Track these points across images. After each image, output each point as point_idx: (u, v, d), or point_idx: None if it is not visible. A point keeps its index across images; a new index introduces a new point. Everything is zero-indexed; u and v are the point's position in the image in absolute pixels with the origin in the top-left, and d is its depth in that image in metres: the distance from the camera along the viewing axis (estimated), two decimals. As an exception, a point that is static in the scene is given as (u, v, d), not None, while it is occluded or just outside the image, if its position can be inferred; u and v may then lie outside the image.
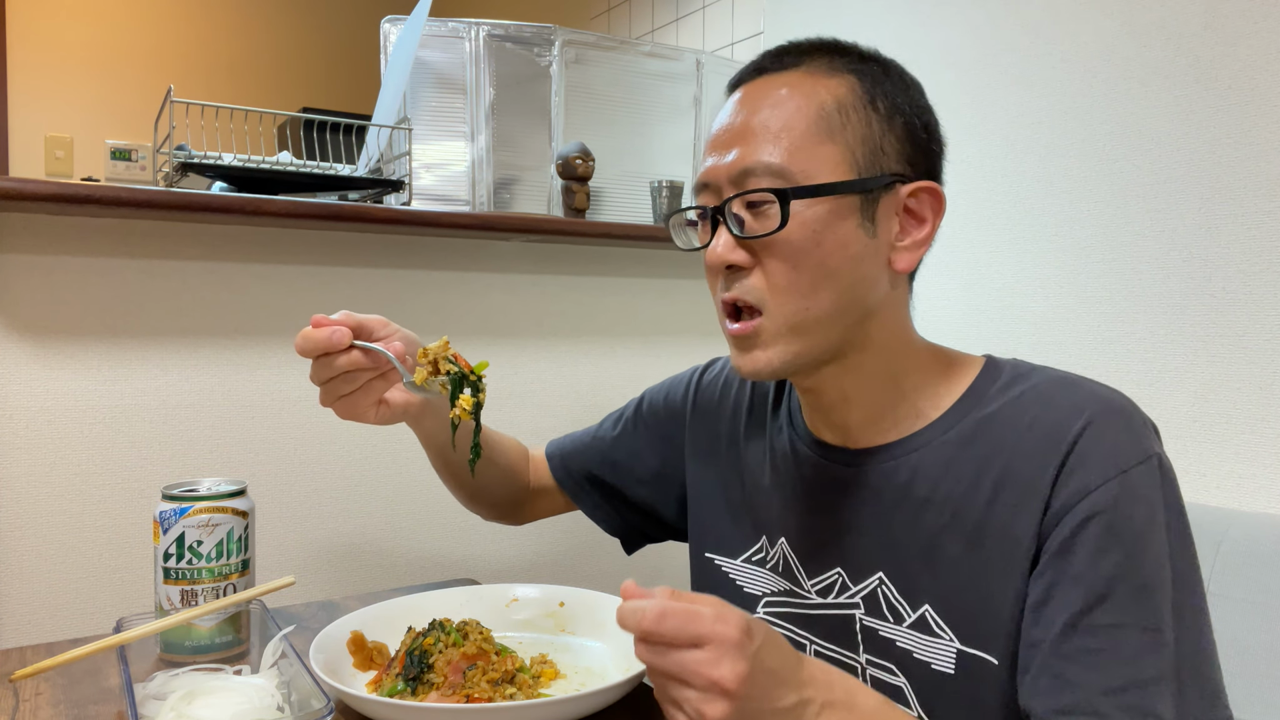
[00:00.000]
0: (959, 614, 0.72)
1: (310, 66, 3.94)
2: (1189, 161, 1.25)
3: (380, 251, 1.43)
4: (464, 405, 0.80)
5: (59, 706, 0.74)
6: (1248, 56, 1.19)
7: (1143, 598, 0.65)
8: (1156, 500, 0.68)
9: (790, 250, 0.72)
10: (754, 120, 0.74)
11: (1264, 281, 1.18)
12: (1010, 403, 0.74)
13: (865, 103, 0.74)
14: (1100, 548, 0.66)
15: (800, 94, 0.73)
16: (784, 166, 0.71)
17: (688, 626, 0.56)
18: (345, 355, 0.81)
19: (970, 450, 0.74)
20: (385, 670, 0.78)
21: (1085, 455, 0.68)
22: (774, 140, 0.72)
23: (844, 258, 0.72)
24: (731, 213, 0.73)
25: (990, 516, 0.71)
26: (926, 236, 0.76)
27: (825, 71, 0.75)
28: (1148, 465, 0.68)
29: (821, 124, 0.72)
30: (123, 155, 2.61)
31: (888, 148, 0.74)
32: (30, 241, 1.19)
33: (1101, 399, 0.72)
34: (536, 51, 1.64)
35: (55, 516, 1.21)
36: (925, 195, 0.76)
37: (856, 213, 0.73)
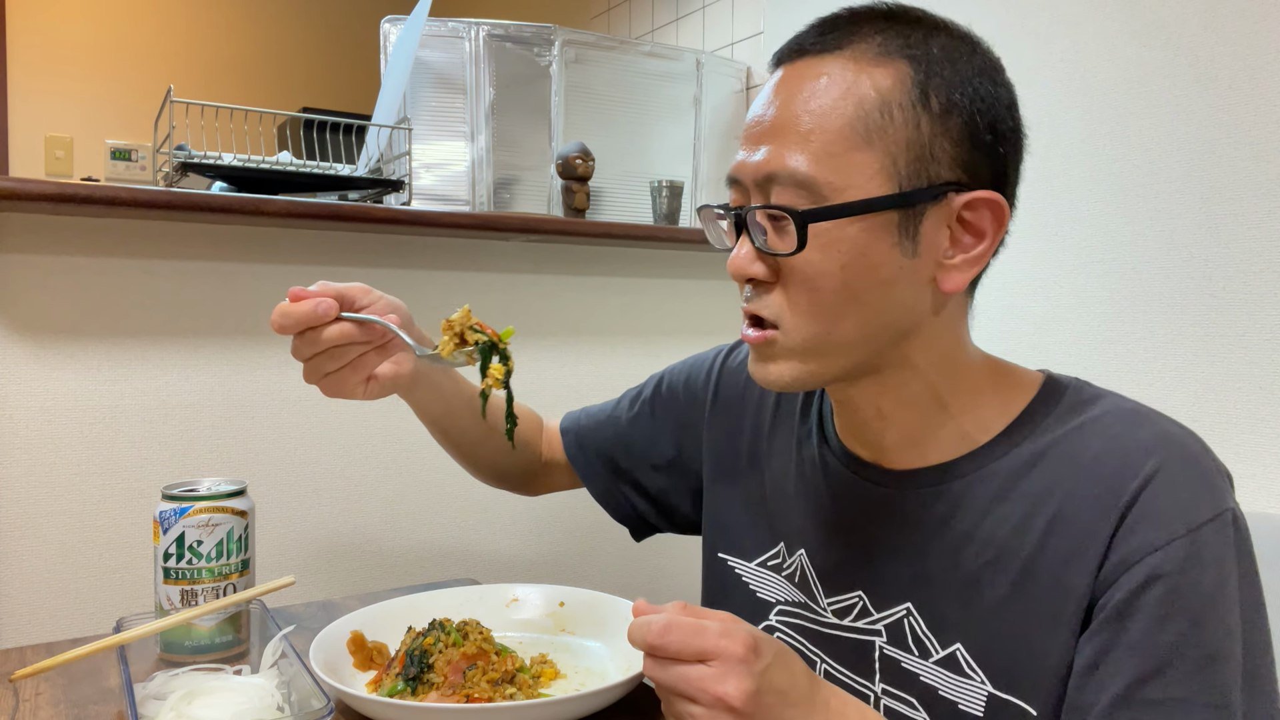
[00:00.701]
0: (995, 659, 0.66)
1: (310, 66, 3.94)
2: (1189, 161, 1.25)
3: (380, 251, 1.43)
4: (495, 374, 0.78)
5: (59, 706, 0.74)
6: (1248, 56, 1.19)
7: (1208, 671, 0.58)
8: (1229, 562, 0.61)
9: (810, 273, 0.64)
10: (785, 113, 0.65)
11: (1264, 281, 1.18)
12: (1069, 435, 0.67)
13: (915, 99, 0.63)
14: (1162, 615, 0.59)
15: (839, 85, 0.64)
16: (810, 176, 0.63)
17: (692, 641, 0.55)
18: (334, 327, 0.76)
19: (1021, 486, 0.67)
20: (385, 670, 0.78)
21: (1150, 507, 0.61)
22: (803, 142, 0.63)
23: (873, 282, 0.64)
24: (754, 221, 0.66)
25: (1039, 562, 0.65)
26: (983, 253, 0.66)
27: (873, 56, 0.64)
28: (1220, 522, 0.61)
29: (859, 125, 0.63)
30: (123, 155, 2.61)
31: (939, 152, 0.64)
32: (30, 241, 1.19)
33: (1173, 441, 0.64)
34: (536, 51, 1.64)
35: (55, 516, 1.21)
36: (984, 207, 0.65)
37: (894, 230, 0.64)
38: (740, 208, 0.67)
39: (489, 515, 1.55)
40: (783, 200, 0.64)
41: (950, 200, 0.64)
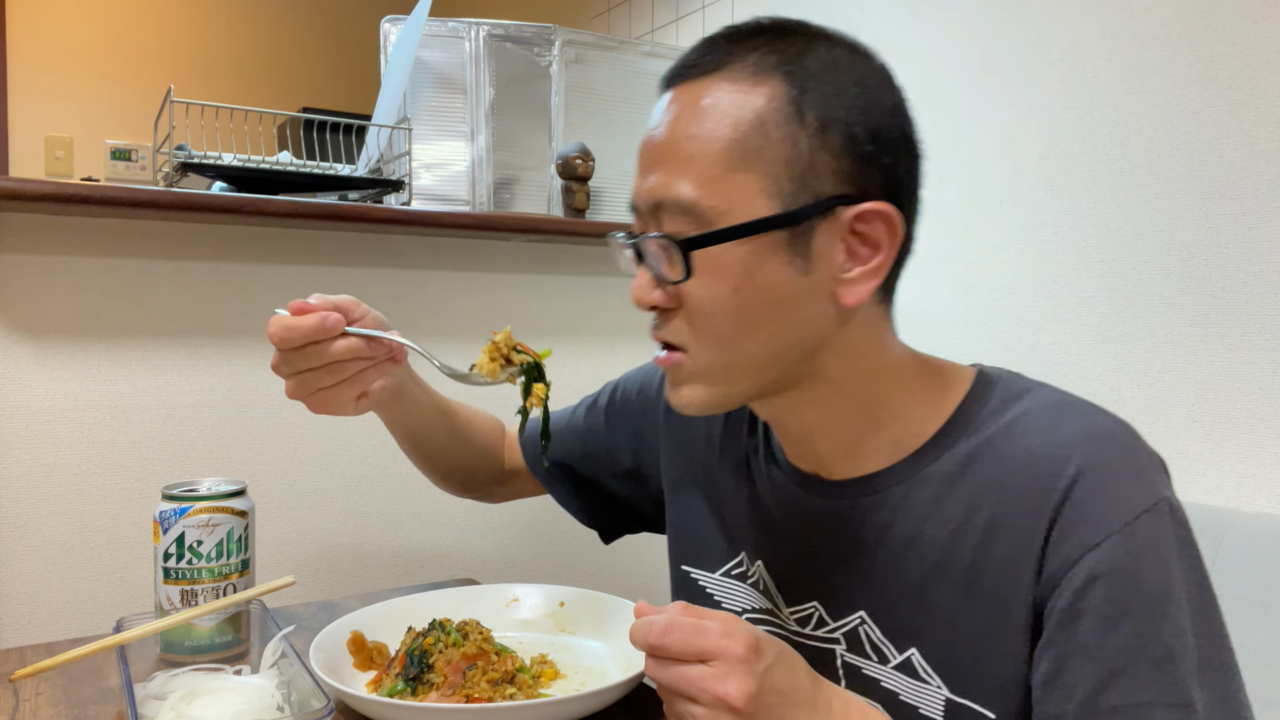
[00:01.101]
0: (949, 664, 0.66)
1: (310, 66, 3.94)
2: (1189, 161, 1.25)
3: (380, 251, 1.43)
4: (539, 394, 0.79)
5: (59, 706, 0.74)
6: (1248, 56, 1.19)
7: (1165, 669, 0.58)
8: (1170, 552, 0.60)
9: (704, 298, 0.64)
10: (669, 139, 0.65)
11: (1264, 281, 1.18)
12: (999, 433, 0.67)
13: (791, 115, 0.62)
14: (1110, 616, 0.59)
15: (716, 108, 0.63)
16: (694, 202, 0.62)
17: (693, 641, 0.55)
18: (342, 342, 0.74)
19: (957, 488, 0.67)
20: (385, 670, 0.78)
21: (1083, 506, 0.61)
22: (686, 168, 0.63)
23: (769, 302, 0.64)
24: (648, 249, 0.66)
25: (981, 566, 0.65)
26: (880, 265, 0.65)
27: (749, 76, 0.64)
28: (1155, 513, 0.61)
29: (736, 147, 0.62)
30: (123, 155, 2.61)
31: (821, 168, 0.63)
32: (30, 241, 1.19)
33: (1100, 434, 0.64)
34: (536, 51, 1.64)
35: (55, 516, 1.21)
36: (875, 219, 0.64)
37: (783, 249, 0.63)
38: (634, 237, 0.68)
39: (489, 515, 1.55)
40: (672, 227, 0.64)
41: (840, 214, 0.63)
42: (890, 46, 0.80)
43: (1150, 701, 0.58)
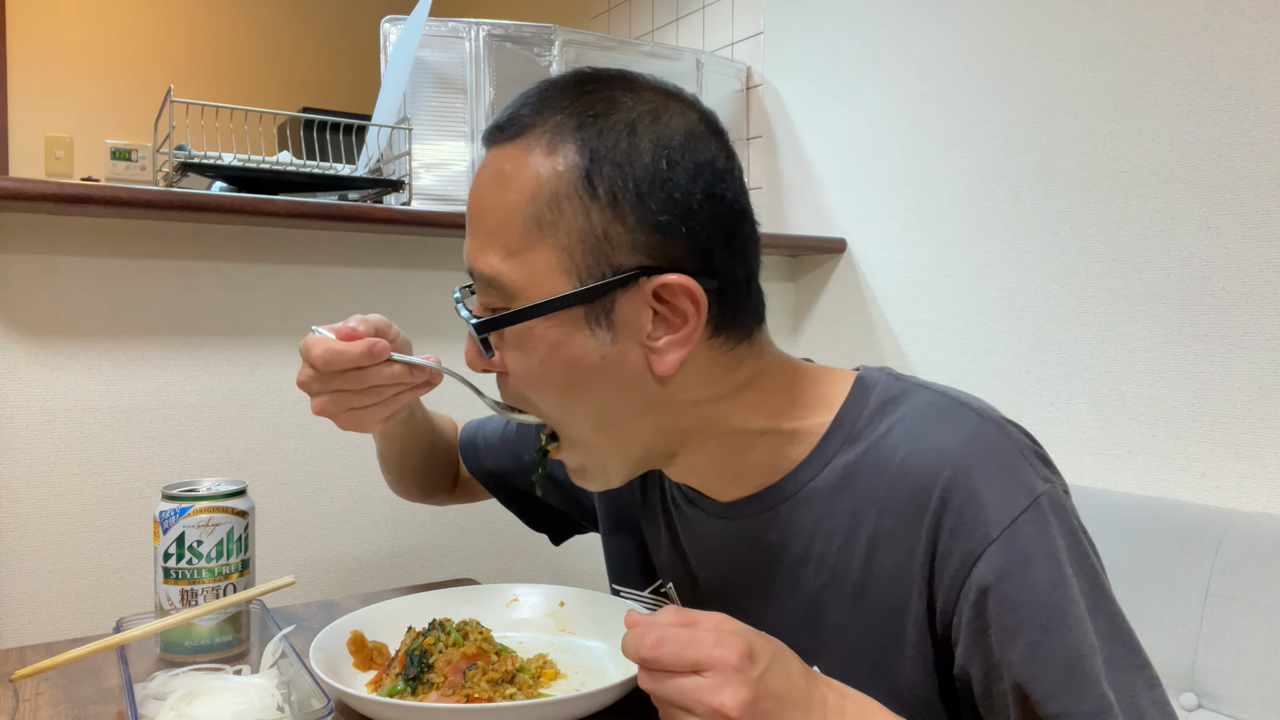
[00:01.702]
0: (849, 678, 0.65)
1: (310, 66, 3.94)
2: (1189, 161, 1.25)
3: (380, 251, 1.43)
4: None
5: (59, 706, 0.74)
6: (1248, 56, 1.19)
7: (1075, 673, 0.58)
8: (1056, 548, 0.60)
9: (517, 372, 0.65)
10: (479, 207, 0.65)
11: (1264, 281, 1.18)
12: (876, 443, 0.66)
13: (583, 188, 0.60)
14: (1009, 627, 0.59)
15: (518, 178, 0.62)
16: (496, 276, 0.62)
17: (686, 652, 0.54)
18: (387, 369, 0.73)
19: (839, 504, 0.67)
20: (385, 670, 0.78)
21: (959, 516, 0.61)
22: (491, 239, 0.63)
23: (578, 373, 0.63)
24: (468, 315, 0.66)
25: (868, 582, 0.66)
26: (689, 334, 0.62)
27: (546, 144, 0.62)
28: (1034, 511, 0.60)
29: (532, 221, 0.61)
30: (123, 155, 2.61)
31: (616, 239, 0.60)
32: (30, 241, 1.19)
33: (968, 438, 0.63)
34: (536, 51, 1.64)
35: (55, 516, 1.21)
36: (678, 291, 0.61)
37: (584, 323, 0.62)
38: (457, 299, 0.69)
39: (489, 515, 1.55)
40: (483, 298, 0.65)
41: (641, 284, 0.61)
42: (890, 47, 0.80)
43: (1066, 711, 0.58)
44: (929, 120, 1.61)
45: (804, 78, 1.88)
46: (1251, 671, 0.98)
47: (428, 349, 1.48)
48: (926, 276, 1.62)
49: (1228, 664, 1.00)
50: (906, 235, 1.66)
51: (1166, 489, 1.26)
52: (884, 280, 1.71)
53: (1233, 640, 1.00)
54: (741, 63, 2.02)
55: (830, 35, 1.81)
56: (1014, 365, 1.44)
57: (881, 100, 1.70)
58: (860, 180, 1.76)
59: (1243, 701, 0.98)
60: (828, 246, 1.79)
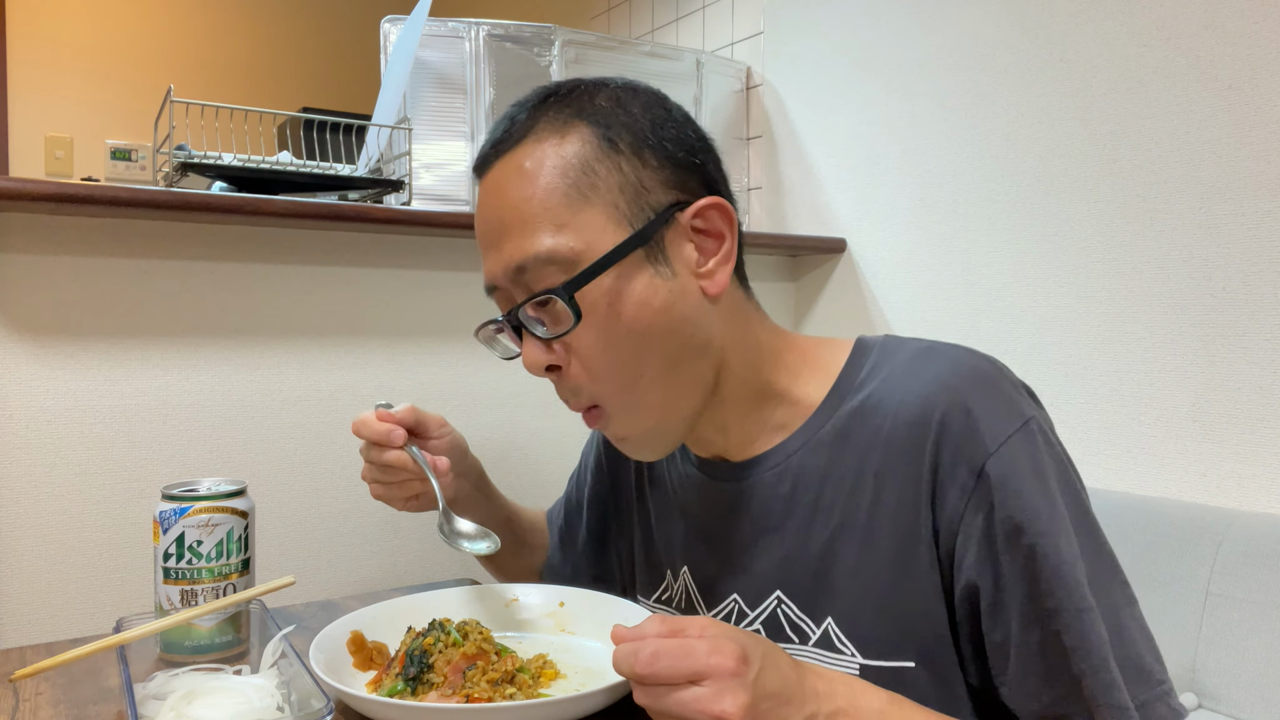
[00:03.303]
0: (862, 626, 0.69)
1: (310, 66, 3.94)
2: (1189, 161, 1.25)
3: (380, 251, 1.43)
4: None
5: (59, 706, 0.74)
6: (1248, 56, 1.19)
7: (1067, 578, 0.62)
8: (1043, 465, 0.65)
9: (594, 336, 0.68)
10: (506, 211, 0.69)
11: (1264, 281, 1.18)
12: (877, 389, 0.71)
13: (606, 149, 0.68)
14: (1006, 537, 0.63)
15: (542, 166, 0.68)
16: (553, 250, 0.66)
17: (682, 665, 0.54)
18: (391, 454, 0.84)
19: (846, 447, 0.71)
20: (385, 670, 0.78)
21: (957, 439, 0.65)
22: (535, 225, 0.67)
23: (650, 314, 0.68)
24: (527, 316, 0.69)
25: (877, 518, 0.69)
26: (730, 250, 0.71)
27: (556, 132, 0.69)
28: (1025, 431, 0.65)
29: (573, 191, 0.67)
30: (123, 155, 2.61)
31: (649, 184, 0.69)
32: (30, 241, 1.19)
33: (963, 370, 0.68)
34: (536, 51, 1.64)
35: (55, 516, 1.21)
36: (711, 212, 0.70)
37: (645, 265, 0.68)
38: (509, 311, 0.71)
39: (489, 515, 1.55)
40: (541, 284, 0.68)
41: (679, 218, 0.69)
42: (890, 47, 0.80)
43: (1059, 608, 0.62)
44: (929, 120, 1.61)
45: (804, 78, 1.88)
46: (1251, 671, 0.98)
47: (426, 348, 1.49)
48: (926, 276, 1.62)
49: (1228, 664, 1.00)
50: (906, 235, 1.66)
51: (1166, 489, 1.26)
52: (884, 280, 1.71)
53: (1233, 640, 1.00)
54: (741, 63, 2.02)
55: (830, 35, 1.81)
56: (1014, 365, 1.43)
57: (881, 100, 1.70)
58: (860, 180, 1.76)
59: (1243, 701, 0.98)
60: (828, 246, 1.79)
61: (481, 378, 1.51)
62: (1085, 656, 0.61)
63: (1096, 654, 0.61)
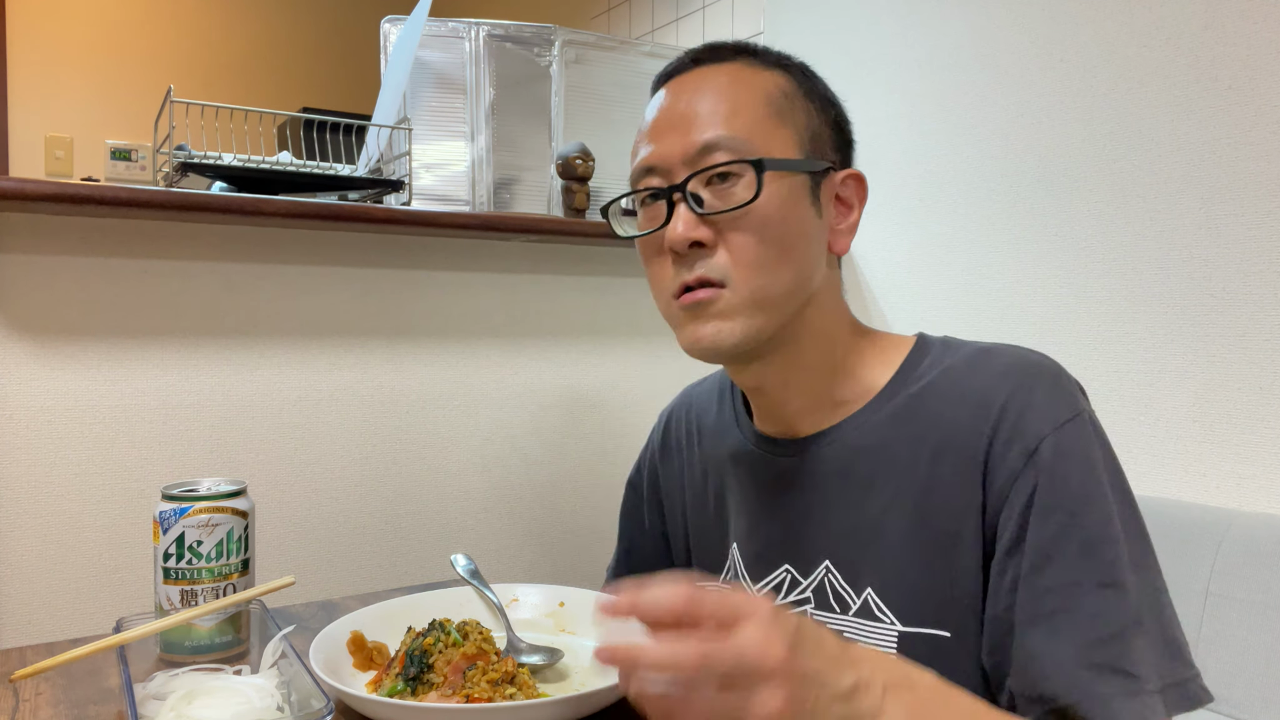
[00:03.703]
0: (899, 593, 0.72)
1: (310, 66, 3.94)
2: (1189, 161, 1.25)
3: (380, 251, 1.43)
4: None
5: (59, 706, 0.74)
6: (1248, 56, 1.19)
7: (1094, 554, 0.64)
8: (1094, 455, 0.68)
9: (758, 224, 0.71)
10: (704, 103, 0.73)
11: (1264, 281, 1.18)
12: (940, 375, 0.75)
13: (803, 93, 0.76)
14: (1042, 510, 0.66)
15: (746, 81, 0.74)
16: (747, 141, 0.71)
17: (727, 601, 0.49)
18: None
19: (905, 427, 0.74)
20: (385, 670, 0.78)
21: (1017, 420, 0.68)
22: (731, 119, 0.72)
23: (801, 234, 0.73)
24: (690, 192, 0.72)
25: (931, 490, 0.71)
26: (855, 221, 0.78)
27: (757, 66, 0.76)
28: (1079, 421, 0.68)
29: (772, 107, 0.73)
30: (123, 155, 2.61)
31: (823, 136, 0.76)
32: (30, 241, 1.19)
33: (1027, 362, 0.73)
34: (536, 51, 1.64)
35: (55, 516, 1.21)
36: (852, 182, 0.78)
37: (808, 193, 0.74)
38: (675, 185, 0.73)
39: (489, 516, 1.55)
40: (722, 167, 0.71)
41: (832, 176, 0.76)
42: (893, 47, 0.81)
43: (1078, 581, 0.64)
44: (929, 120, 1.61)
45: (804, 78, 1.88)
46: (1251, 671, 0.98)
47: (426, 348, 1.49)
48: (926, 276, 1.62)
49: (1228, 664, 0.99)
50: (906, 235, 1.66)
51: (1166, 489, 1.26)
52: (884, 280, 1.71)
53: (1233, 640, 1.00)
54: (741, 63, 2.01)
55: (830, 35, 1.81)
56: (1014, 365, 1.43)
57: (881, 100, 1.70)
58: (860, 180, 1.76)
59: (1243, 701, 0.98)
60: (828, 246, 1.79)
61: (481, 378, 1.51)
62: (1100, 626, 0.63)
63: (1115, 623, 0.63)
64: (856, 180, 0.78)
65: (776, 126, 0.73)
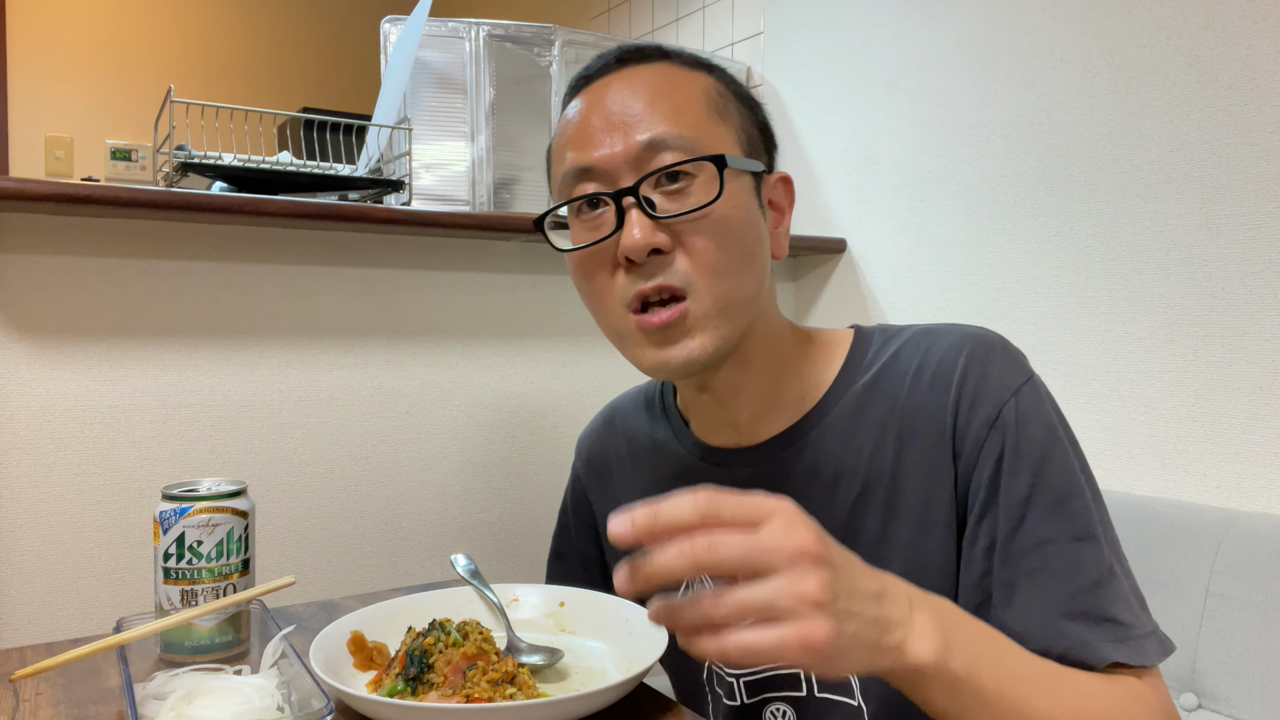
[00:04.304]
0: None
1: (310, 66, 3.94)
2: (1189, 161, 1.25)
3: (380, 251, 1.43)
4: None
5: (59, 706, 0.74)
6: (1248, 56, 1.19)
7: (1062, 509, 0.66)
8: (1049, 414, 0.69)
9: (718, 226, 0.68)
10: (640, 102, 0.69)
11: (1264, 281, 1.18)
12: (888, 363, 0.75)
13: (732, 93, 0.74)
14: (1012, 470, 0.67)
15: (680, 80, 0.72)
16: (695, 140, 0.68)
17: (748, 502, 0.50)
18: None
19: (864, 416, 0.74)
20: (385, 670, 0.78)
21: (976, 391, 0.69)
22: (676, 117, 0.68)
23: (757, 237, 0.72)
24: (647, 194, 0.68)
25: (901, 475, 0.71)
26: (788, 224, 0.78)
27: (686, 67, 0.74)
28: (1031, 384, 0.70)
29: (711, 106, 0.71)
30: (123, 155, 2.61)
31: (755, 138, 0.75)
32: (30, 241, 1.19)
33: (973, 335, 0.73)
34: (536, 51, 1.64)
35: (55, 516, 1.21)
36: (782, 185, 0.77)
37: (754, 195, 0.72)
38: (626, 189, 0.67)
39: (489, 516, 1.55)
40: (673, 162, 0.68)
41: (766, 179, 0.75)
42: (893, 47, 0.81)
43: (1052, 538, 0.65)
44: (929, 120, 1.61)
45: (804, 78, 1.88)
46: (1251, 671, 0.98)
47: (426, 348, 1.49)
48: (926, 276, 1.62)
49: (1228, 664, 1.00)
50: (906, 235, 1.66)
51: (1166, 489, 1.26)
52: (884, 280, 1.71)
53: (1233, 640, 1.00)
54: (741, 63, 2.02)
55: (830, 35, 1.81)
56: (1014, 365, 1.43)
57: (881, 100, 1.70)
58: (860, 180, 1.76)
59: (1243, 701, 0.98)
60: (828, 246, 1.79)
61: (481, 378, 1.51)
62: (1079, 576, 0.64)
63: (1093, 573, 0.64)
64: (785, 183, 0.77)
65: (718, 124, 0.71)
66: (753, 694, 0.80)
